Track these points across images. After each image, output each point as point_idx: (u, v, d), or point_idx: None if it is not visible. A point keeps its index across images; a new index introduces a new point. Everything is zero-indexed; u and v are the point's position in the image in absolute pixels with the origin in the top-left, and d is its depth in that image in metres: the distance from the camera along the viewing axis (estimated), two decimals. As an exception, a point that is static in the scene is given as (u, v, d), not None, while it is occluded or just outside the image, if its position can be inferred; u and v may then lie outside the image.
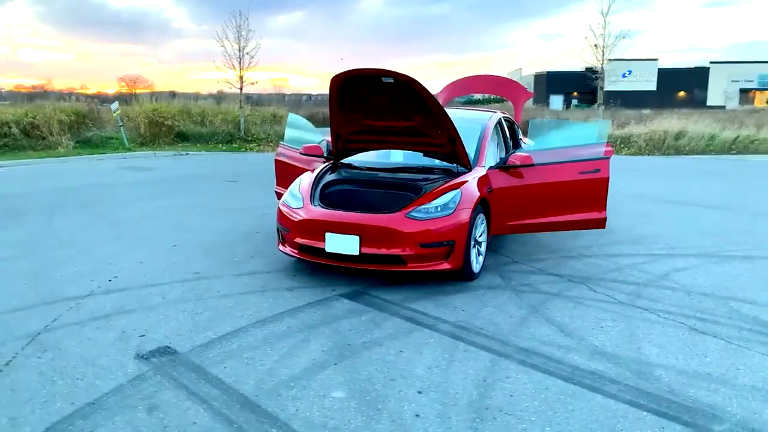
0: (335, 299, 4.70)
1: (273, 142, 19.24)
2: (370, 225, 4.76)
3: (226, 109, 20.62)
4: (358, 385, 3.31)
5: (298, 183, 5.51)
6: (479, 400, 3.16)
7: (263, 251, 6.11)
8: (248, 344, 3.84)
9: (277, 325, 4.16)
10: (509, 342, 3.92)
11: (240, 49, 19.19)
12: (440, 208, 4.84)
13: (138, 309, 4.45)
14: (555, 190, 5.67)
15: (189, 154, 16.73)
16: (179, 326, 4.12)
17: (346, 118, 5.53)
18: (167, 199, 9.25)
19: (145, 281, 5.12)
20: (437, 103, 5.02)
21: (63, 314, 4.33)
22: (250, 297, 4.74)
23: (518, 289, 5.01)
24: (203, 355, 3.67)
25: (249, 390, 3.24)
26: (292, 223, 5.13)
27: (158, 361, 3.59)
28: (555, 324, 4.24)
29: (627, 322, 4.30)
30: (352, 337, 3.96)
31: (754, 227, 7.55)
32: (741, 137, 17.35)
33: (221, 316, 4.32)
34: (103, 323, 4.17)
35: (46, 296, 4.71)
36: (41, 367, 3.49)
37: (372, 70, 4.95)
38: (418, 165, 5.79)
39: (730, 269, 5.67)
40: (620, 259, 5.98)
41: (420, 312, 4.44)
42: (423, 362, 3.61)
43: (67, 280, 5.14)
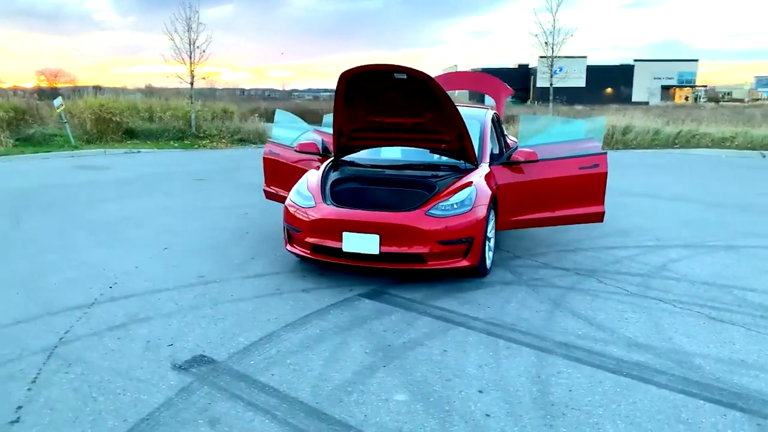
0: (356, 299, 4.62)
1: (226, 139, 18.76)
2: (390, 223, 4.70)
3: (176, 105, 19.91)
4: (417, 387, 3.26)
5: (305, 181, 5.37)
6: (541, 396, 3.17)
7: (262, 252, 5.93)
8: (287, 349, 3.72)
9: (309, 329, 4.04)
10: (546, 337, 3.95)
11: (190, 43, 18.57)
12: (458, 205, 4.82)
13: (154, 317, 4.23)
14: (556, 186, 5.76)
15: (141, 151, 16.08)
16: (206, 333, 3.95)
17: (351, 114, 5.43)
18: (136, 199, 8.85)
19: (149, 287, 4.87)
20: (450, 99, 5.00)
21: (74, 325, 4.07)
22: (268, 300, 4.59)
23: (532, 284, 5.07)
24: (244, 363, 3.52)
25: (307, 397, 3.14)
26: (304, 223, 4.99)
27: (199, 371, 3.42)
28: (581, 317, 4.31)
29: (647, 313, 4.41)
30: (390, 338, 3.90)
31: (723, 218, 7.92)
32: (683, 132, 18.21)
33: (246, 321, 4.16)
34: (122, 333, 3.94)
35: (47, 306, 4.41)
36: (74, 383, 3.26)
37: (385, 65, 4.88)
38: (424, 162, 5.76)
39: (719, 259, 5.92)
40: (616, 251, 6.15)
41: (446, 310, 4.42)
42: (471, 361, 3.58)
43: (62, 288, 4.83)
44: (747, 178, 12.28)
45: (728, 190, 10.51)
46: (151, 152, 16.13)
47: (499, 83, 8.39)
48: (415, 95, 5.05)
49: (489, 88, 8.38)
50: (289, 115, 7.74)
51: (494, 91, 8.30)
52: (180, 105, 19.79)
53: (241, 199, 8.84)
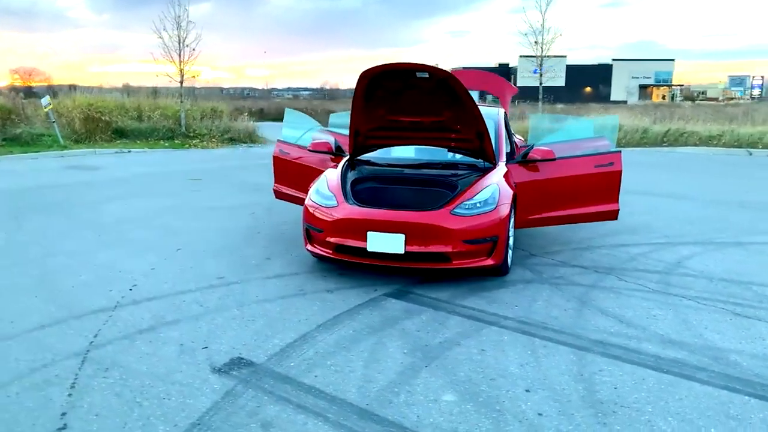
0: (382, 299, 4.59)
1: (216, 138, 18.59)
2: (416, 222, 4.68)
3: (165, 104, 19.67)
4: (463, 387, 3.24)
5: (324, 181, 5.32)
6: (588, 395, 3.18)
7: (277, 252, 5.88)
8: (324, 350, 3.68)
9: (342, 329, 4.01)
10: (579, 335, 3.97)
11: (180, 41, 18.34)
12: (482, 204, 4.82)
13: (182, 319, 4.17)
14: (572, 184, 5.78)
15: (131, 151, 15.86)
16: (239, 335, 3.89)
17: (369, 113, 5.40)
18: (135, 200, 8.72)
19: (170, 289, 4.80)
20: (471, 98, 5.00)
21: (101, 328, 3.98)
22: (294, 301, 4.55)
23: (554, 282, 5.08)
24: (284, 365, 3.48)
25: (355, 398, 3.10)
26: (326, 223, 4.95)
27: (240, 373, 3.37)
28: (609, 315, 4.33)
29: (673, 310, 4.45)
30: (425, 338, 3.88)
31: (724, 215, 8.02)
32: (672, 130, 18.45)
33: (277, 323, 4.11)
34: (153, 336, 3.87)
35: (69, 310, 4.32)
36: (114, 388, 3.19)
37: (407, 64, 4.87)
38: (442, 161, 5.75)
39: (729, 255, 5.99)
40: (629, 249, 6.20)
41: (475, 309, 4.42)
42: (511, 360, 3.58)
43: (81, 291, 4.74)
44: (738, 175, 12.48)
45: (722, 187, 10.67)
46: (141, 152, 15.92)
47: (505, 82, 8.42)
48: (435, 94, 5.04)
49: (494, 87, 8.40)
50: (299, 115, 7.67)
51: (499, 90, 8.33)
52: (169, 104, 19.57)
53: (244, 199, 8.76)
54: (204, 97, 28.88)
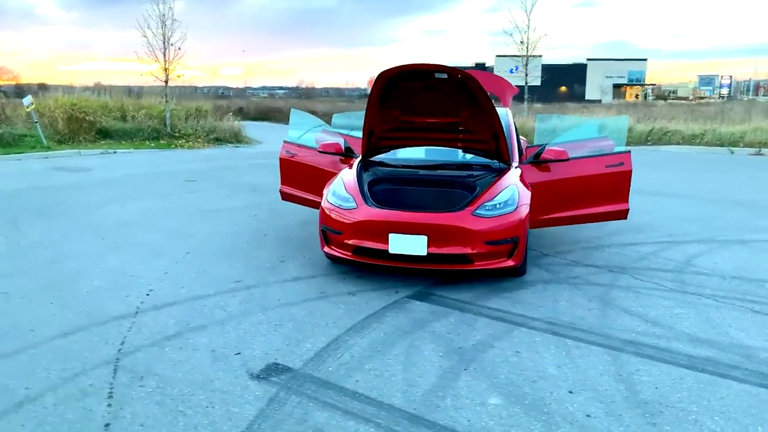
0: (405, 302, 4.58)
1: (202, 138, 18.38)
2: (439, 224, 4.67)
3: (149, 104, 19.37)
4: (506, 390, 3.24)
5: (340, 183, 5.28)
6: (631, 395, 3.20)
7: (289, 255, 5.82)
8: (359, 354, 3.65)
9: (372, 332, 3.98)
10: (609, 335, 3.99)
11: (165, 40, 18.07)
12: (502, 205, 4.83)
13: (208, 325, 4.10)
14: (583, 184, 5.82)
15: (117, 152, 15.59)
16: (269, 341, 3.84)
17: (385, 114, 5.38)
18: (133, 202, 8.56)
19: (188, 294, 4.72)
20: (489, 99, 5.00)
21: (126, 335, 3.90)
22: (318, 304, 4.51)
23: (571, 282, 5.11)
24: (322, 370, 3.44)
25: (401, 403, 3.08)
26: (345, 225, 4.91)
27: (279, 380, 3.32)
28: (633, 314, 4.37)
29: (694, 308, 4.50)
30: (458, 341, 3.87)
31: (720, 213, 8.15)
32: (655, 129, 18.72)
33: (305, 327, 4.07)
34: (182, 343, 3.80)
35: (89, 317, 4.22)
36: (154, 397, 3.12)
37: (426, 65, 4.85)
38: (456, 161, 5.75)
39: (735, 253, 6.09)
40: (636, 248, 6.26)
41: (500, 310, 4.42)
42: (548, 361, 3.59)
43: (97, 296, 4.64)
44: (723, 173, 12.69)
45: (712, 185, 10.84)
46: (127, 153, 15.66)
47: (505, 82, 8.44)
48: (453, 95, 5.04)
49: (495, 88, 8.41)
50: (304, 115, 7.60)
51: (500, 90, 8.34)
52: (154, 104, 19.27)
53: (243, 201, 8.67)
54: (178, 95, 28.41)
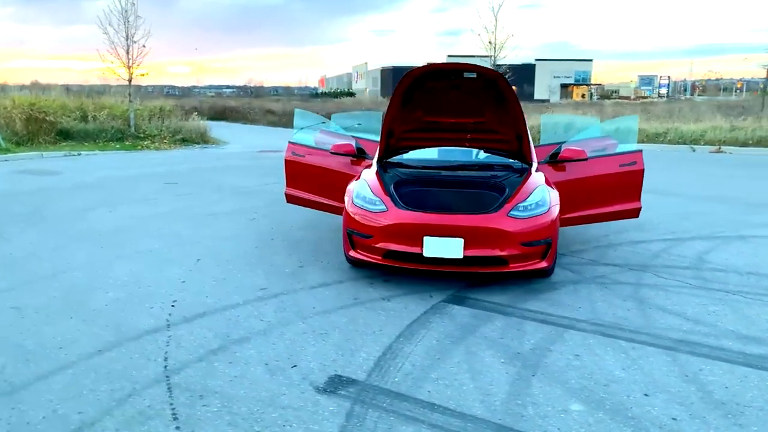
0: (443, 306, 4.49)
1: (167, 139, 17.83)
2: (475, 226, 4.59)
3: (111, 103, 18.65)
4: (583, 395, 3.19)
5: (365, 185, 5.14)
6: (706, 396, 3.19)
7: (306, 260, 5.65)
8: (420, 363, 3.54)
9: (423, 340, 3.88)
10: (658, 335, 3.99)
11: (127, 38, 17.41)
12: (535, 206, 4.79)
13: (250, 336, 3.91)
14: (599, 183, 5.85)
15: (81, 154, 14.95)
16: (321, 351, 3.69)
17: (406, 115, 5.28)
18: (120, 207, 8.19)
19: (216, 303, 4.51)
20: (517, 99, 4.96)
21: (168, 351, 3.68)
22: (355, 311, 4.37)
23: (599, 282, 5.12)
24: (388, 381, 3.31)
25: (484, 413, 2.99)
26: (375, 229, 4.78)
27: (348, 393, 3.18)
28: (671, 312, 4.39)
29: (727, 305, 4.56)
30: (514, 346, 3.81)
31: (710, 210, 8.36)
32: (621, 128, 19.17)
33: (352, 335, 3.93)
34: (229, 357, 3.61)
35: (118, 332, 3.97)
36: (223, 417, 2.93)
37: (456, 64, 4.78)
38: (478, 162, 5.68)
39: (740, 249, 6.23)
40: (646, 245, 6.34)
41: (542, 313, 4.38)
42: (611, 364, 3.56)
43: (118, 309, 4.37)
44: (693, 171, 13.09)
45: (689, 182, 11.13)
46: (93, 155, 15.03)
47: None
48: (480, 95, 4.98)
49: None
50: (309, 115, 7.40)
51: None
52: (115, 103, 18.56)
53: (236, 204, 8.41)
54: (122, 94, 27.43)
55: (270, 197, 8.91)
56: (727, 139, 17.95)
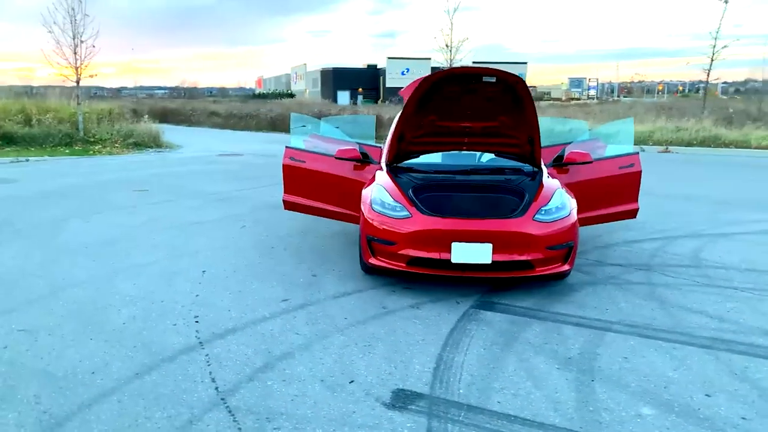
0: (474, 312, 4.46)
1: (120, 143, 17.11)
2: (504, 231, 4.59)
3: (57, 106, 17.71)
4: (649, 398, 3.23)
5: (382, 190, 5.04)
6: (764, 393, 3.29)
7: (316, 268, 5.52)
8: (477, 373, 3.50)
9: (471, 348, 3.84)
10: (692, 334, 4.09)
11: (74, 36, 16.57)
12: (557, 210, 4.83)
13: (292, 351, 3.77)
14: (601, 185, 5.97)
15: (29, 160, 14.13)
16: (372, 364, 3.60)
17: (420, 119, 5.23)
18: (95, 216, 7.77)
19: (241, 317, 4.33)
20: (533, 103, 4.99)
21: (212, 371, 3.49)
22: (390, 321, 4.29)
23: (612, 282, 5.21)
24: (454, 393, 3.26)
25: (562, 422, 2.98)
26: (399, 235, 4.71)
27: (419, 407, 3.10)
28: (694, 311, 4.52)
29: (741, 302, 4.73)
30: (561, 351, 3.82)
31: (684, 208, 8.69)
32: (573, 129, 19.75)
33: (398, 346, 3.86)
34: (280, 374, 3.46)
35: (149, 352, 3.75)
36: (301, 440, 2.80)
37: (475, 69, 4.77)
38: (489, 165, 5.69)
39: (728, 246, 6.49)
40: (640, 245, 6.52)
41: (573, 316, 4.42)
42: (660, 365, 3.62)
43: (139, 328, 4.13)
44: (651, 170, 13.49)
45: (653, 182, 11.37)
46: (43, 161, 14.23)
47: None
48: (496, 99, 4.97)
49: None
50: (307, 119, 7.22)
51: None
52: (62, 106, 17.64)
53: (220, 211, 8.13)
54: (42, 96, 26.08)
55: (251, 203, 8.67)
56: (673, 139, 18.77)
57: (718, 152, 17.01)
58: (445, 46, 21.81)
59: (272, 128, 28.61)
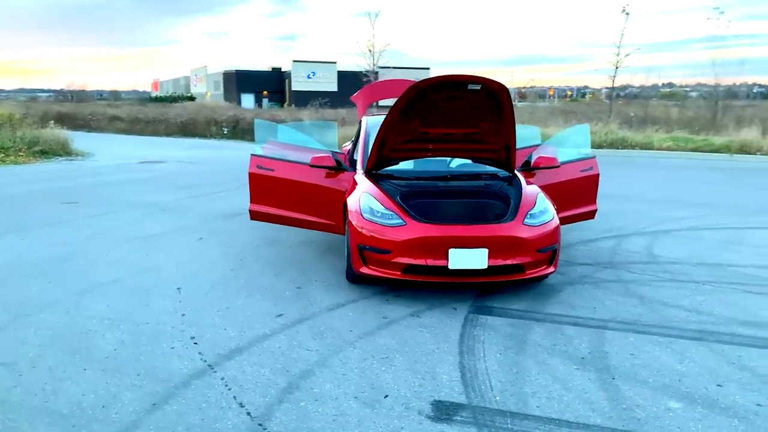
0: (474, 318, 4.52)
1: (25, 152, 15.83)
2: (499, 236, 4.67)
3: (-52, 112, 16.09)
4: (669, 392, 3.39)
5: (370, 198, 4.99)
6: (766, 379, 3.54)
7: (297, 279, 5.39)
8: (504, 379, 3.55)
9: (488, 354, 3.88)
10: (679, 327, 4.34)
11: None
12: (541, 213, 4.97)
13: (312, 369, 3.65)
14: (564, 188, 6.22)
15: (-77, 171, 12.75)
16: (399, 377, 3.55)
17: (403, 125, 5.22)
18: (29, 232, 7.16)
19: (243, 336, 4.15)
20: (513, 111, 5.12)
21: (236, 395, 3.32)
22: (397, 331, 4.25)
23: (586, 281, 5.43)
24: (491, 400, 3.29)
25: (605, 422, 3.08)
26: (394, 243, 4.68)
27: (464, 418, 3.10)
28: (673, 305, 4.79)
29: (708, 295, 5.06)
30: (572, 351, 3.94)
31: (622, 207, 9.18)
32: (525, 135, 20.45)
33: (417, 357, 3.83)
34: (309, 394, 3.34)
35: (156, 380, 3.50)
36: (361, 462, 2.71)
37: (461, 76, 4.82)
38: (467, 171, 5.77)
39: (672, 242, 6.96)
40: (596, 243, 6.86)
41: (568, 316, 4.57)
42: (666, 360, 3.81)
43: (133, 353, 3.85)
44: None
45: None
46: (-61, 171, 12.88)
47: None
48: (479, 105, 5.05)
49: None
50: (272, 126, 6.97)
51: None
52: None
53: (168, 223, 7.73)
54: None
55: (197, 214, 8.31)
56: (585, 141, 19.85)
57: (626, 154, 18.19)
58: (368, 51, 21.92)
59: (183, 133, 27.53)
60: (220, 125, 25.72)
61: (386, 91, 8.56)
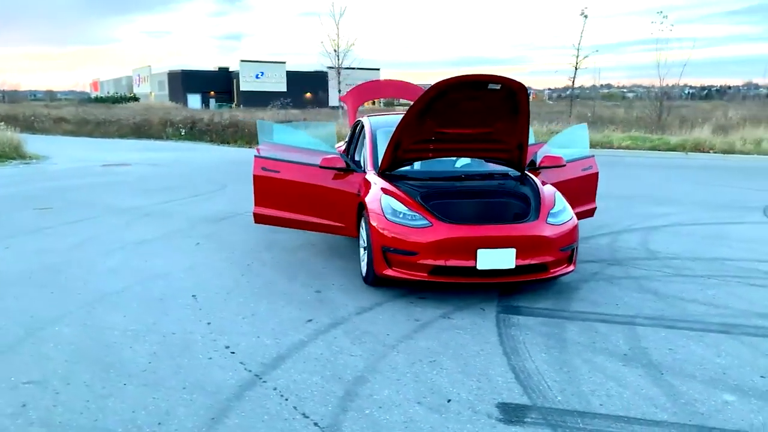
0: (506, 318, 4.53)
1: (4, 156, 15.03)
2: (526, 235, 4.69)
3: None
4: (720, 386, 3.47)
5: (392, 199, 4.92)
6: (802, 370, 3.68)
7: (313, 283, 5.28)
8: (559, 378, 3.56)
9: (533, 354, 3.89)
10: (703, 321, 4.46)
11: None
12: (561, 212, 5.03)
13: (364, 376, 3.58)
14: (568, 187, 6.29)
15: None
16: (455, 380, 3.51)
17: (420, 126, 5.18)
18: (12, 240, 6.79)
19: (280, 343, 4.04)
20: (528, 110, 5.15)
21: (298, 406, 3.22)
22: (434, 333, 4.22)
23: (600, 278, 5.53)
24: (554, 400, 3.29)
25: (670, 417, 3.12)
26: (420, 245, 4.64)
27: (533, 419, 3.10)
28: (689, 300, 4.92)
29: (717, 288, 5.22)
30: (613, 348, 3.98)
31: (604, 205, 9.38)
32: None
33: (465, 359, 3.81)
34: (372, 402, 3.26)
35: (208, 393, 3.36)
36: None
37: (482, 76, 4.82)
38: (480, 171, 5.78)
39: (664, 238, 7.16)
40: (594, 240, 6.99)
41: (595, 313, 4.63)
42: (702, 353, 3.90)
43: (171, 365, 3.70)
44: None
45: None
46: None
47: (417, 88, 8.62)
48: (497, 105, 5.06)
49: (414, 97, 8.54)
50: (274, 127, 6.78)
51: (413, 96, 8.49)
52: None
53: (158, 228, 7.46)
54: None
55: (184, 218, 8.05)
56: (547, 140, 20.29)
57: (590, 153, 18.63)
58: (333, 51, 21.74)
59: (137, 135, 26.64)
60: (176, 126, 25.02)
61: (375, 92, 8.51)
